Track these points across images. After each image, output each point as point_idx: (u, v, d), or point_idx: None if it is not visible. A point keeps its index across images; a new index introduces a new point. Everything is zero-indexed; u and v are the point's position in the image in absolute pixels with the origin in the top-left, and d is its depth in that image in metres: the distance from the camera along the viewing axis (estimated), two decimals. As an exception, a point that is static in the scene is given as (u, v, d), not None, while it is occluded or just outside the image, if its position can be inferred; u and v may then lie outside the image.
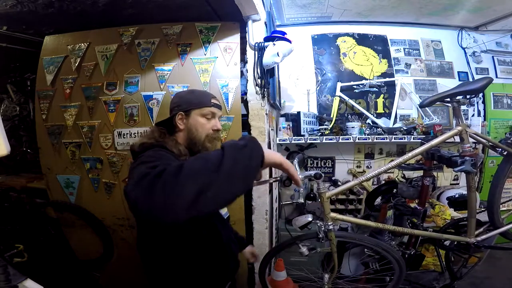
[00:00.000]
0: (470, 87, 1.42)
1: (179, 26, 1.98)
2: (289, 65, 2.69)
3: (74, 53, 2.07)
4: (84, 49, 2.06)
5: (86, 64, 2.05)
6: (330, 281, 1.58)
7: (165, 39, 2.00)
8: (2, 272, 0.64)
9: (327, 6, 2.44)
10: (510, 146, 1.47)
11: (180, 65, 2.00)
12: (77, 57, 2.06)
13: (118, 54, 2.02)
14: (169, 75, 1.98)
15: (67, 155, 2.08)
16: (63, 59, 2.08)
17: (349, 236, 1.65)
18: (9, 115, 2.90)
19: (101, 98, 2.02)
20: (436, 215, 1.96)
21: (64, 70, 2.08)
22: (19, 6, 1.95)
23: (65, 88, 2.07)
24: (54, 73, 2.08)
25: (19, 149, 2.90)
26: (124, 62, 2.02)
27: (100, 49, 2.04)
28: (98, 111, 2.04)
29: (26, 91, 2.91)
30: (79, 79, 2.06)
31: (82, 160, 2.07)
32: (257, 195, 1.98)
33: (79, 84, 2.05)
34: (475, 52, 2.81)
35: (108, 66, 2.03)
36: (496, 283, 2.19)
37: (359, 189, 2.51)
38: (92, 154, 2.06)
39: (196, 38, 1.99)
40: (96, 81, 2.04)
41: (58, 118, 2.08)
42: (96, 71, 2.04)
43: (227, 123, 1.98)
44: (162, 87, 1.98)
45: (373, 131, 2.55)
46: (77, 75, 2.06)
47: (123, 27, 2.02)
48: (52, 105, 2.09)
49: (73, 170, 2.09)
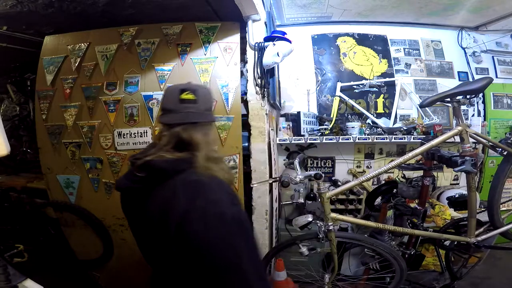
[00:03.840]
0: (470, 87, 1.42)
1: (179, 26, 1.98)
2: (289, 65, 2.69)
3: (74, 53, 2.06)
4: (84, 49, 2.06)
5: (86, 64, 2.05)
6: (330, 281, 1.59)
7: (165, 39, 2.00)
8: (2, 272, 0.64)
9: (327, 6, 2.44)
10: (510, 146, 1.47)
11: (180, 65, 2.00)
12: (77, 57, 2.05)
13: (118, 54, 2.02)
14: (169, 75, 1.99)
15: (67, 155, 2.08)
16: (63, 59, 2.08)
17: (349, 236, 1.65)
18: (9, 115, 2.90)
19: (101, 98, 2.02)
20: (436, 215, 1.96)
21: (64, 70, 2.08)
22: (19, 6, 1.95)
23: (65, 88, 2.06)
24: (54, 73, 2.08)
25: (19, 149, 2.90)
26: (124, 62, 2.02)
27: (100, 49, 2.04)
28: (98, 111, 2.03)
29: (26, 91, 2.91)
30: (79, 79, 2.06)
31: (82, 160, 2.07)
32: (257, 195, 1.97)
33: (79, 84, 2.05)
34: (475, 52, 2.81)
35: (108, 66, 2.03)
36: (496, 283, 2.19)
37: (359, 189, 2.51)
38: (92, 154, 2.06)
39: (196, 38, 1.99)
40: (96, 81, 2.03)
41: (58, 118, 2.08)
42: (96, 71, 2.04)
43: (227, 123, 1.98)
44: (162, 87, 1.98)
45: (373, 131, 2.55)
46: (77, 75, 2.06)
47: (123, 27, 2.02)
48: (52, 105, 2.09)
49: (73, 170, 2.08)
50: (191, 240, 0.69)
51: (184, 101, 0.82)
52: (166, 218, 0.71)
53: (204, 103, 0.86)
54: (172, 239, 0.71)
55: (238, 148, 1.99)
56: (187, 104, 0.82)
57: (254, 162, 1.95)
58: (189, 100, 0.82)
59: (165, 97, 0.88)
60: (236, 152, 1.99)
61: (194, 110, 0.83)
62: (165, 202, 0.73)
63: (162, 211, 0.73)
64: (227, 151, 2.01)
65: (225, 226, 0.70)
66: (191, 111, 0.82)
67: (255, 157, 1.94)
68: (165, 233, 0.72)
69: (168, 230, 0.71)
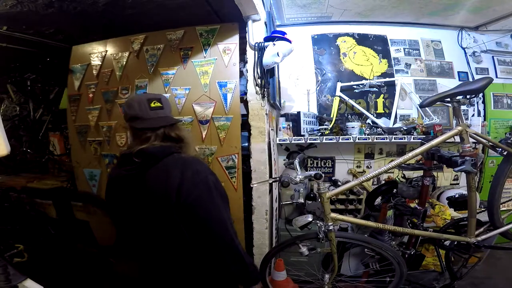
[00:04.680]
0: (470, 87, 1.42)
1: (181, 31, 2.08)
2: (289, 65, 2.69)
3: (94, 61, 2.32)
4: (102, 57, 2.30)
5: (104, 70, 2.30)
6: (330, 281, 1.58)
7: (169, 44, 2.12)
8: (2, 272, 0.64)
9: (327, 6, 2.44)
10: (510, 146, 1.47)
11: (183, 69, 2.08)
12: (97, 64, 2.31)
13: (130, 60, 2.23)
14: (172, 79, 2.11)
15: (91, 151, 2.37)
16: (86, 67, 2.36)
17: (349, 236, 1.65)
18: (9, 115, 2.91)
19: (117, 101, 2.23)
20: (436, 215, 1.96)
21: (87, 77, 2.36)
22: (19, 6, 1.95)
23: (88, 93, 2.35)
24: (80, 80, 2.37)
25: (19, 149, 2.90)
26: (134, 67, 2.21)
27: (115, 56, 2.26)
28: (114, 112, 2.27)
29: (26, 91, 2.91)
30: (99, 85, 2.32)
31: (102, 156, 2.33)
32: (257, 195, 1.98)
33: (99, 89, 2.32)
34: (475, 52, 2.81)
35: (122, 72, 2.24)
36: (496, 283, 2.19)
37: (359, 189, 2.51)
38: (110, 150, 2.30)
39: (197, 42, 2.05)
40: (113, 86, 2.27)
41: (84, 119, 2.37)
42: (112, 77, 2.28)
43: (226, 123, 1.99)
44: (167, 90, 2.11)
45: (373, 131, 2.54)
46: (97, 81, 2.33)
47: (133, 35, 2.21)
48: (79, 108, 2.40)
49: (95, 164, 2.37)
50: (187, 200, 0.91)
51: (154, 108, 1.01)
52: (166, 189, 0.91)
53: (168, 108, 1.07)
54: (174, 205, 0.91)
55: (237, 148, 2.00)
56: (157, 111, 1.02)
57: (254, 162, 1.95)
58: (158, 107, 1.02)
59: (132, 107, 1.02)
60: (235, 152, 2.00)
61: (163, 115, 1.03)
62: (162, 179, 0.93)
63: (161, 186, 0.93)
64: (226, 151, 2.02)
65: (208, 186, 0.95)
66: (161, 115, 1.02)
67: (255, 157, 1.95)
68: (167, 202, 0.91)
69: (169, 198, 0.91)
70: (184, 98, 2.07)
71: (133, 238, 1.09)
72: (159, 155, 0.96)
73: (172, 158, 0.97)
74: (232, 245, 0.97)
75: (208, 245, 0.96)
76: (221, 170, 2.04)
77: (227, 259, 0.97)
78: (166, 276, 1.03)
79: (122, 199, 1.04)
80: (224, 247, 0.96)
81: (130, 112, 1.02)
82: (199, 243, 0.96)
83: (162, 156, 0.96)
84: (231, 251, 0.98)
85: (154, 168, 0.95)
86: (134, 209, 1.01)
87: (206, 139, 2.05)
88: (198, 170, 0.96)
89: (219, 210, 0.96)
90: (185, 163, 0.96)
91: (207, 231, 0.94)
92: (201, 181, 0.94)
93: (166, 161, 0.96)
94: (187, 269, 1.01)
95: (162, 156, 0.96)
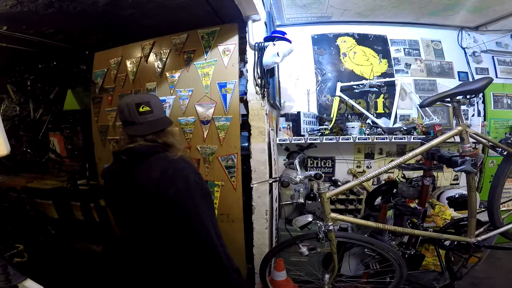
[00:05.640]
0: (470, 87, 1.42)
1: (184, 35, 2.17)
2: (289, 65, 2.69)
3: (112, 66, 2.50)
4: (118, 63, 2.47)
5: (120, 75, 2.47)
6: (330, 281, 1.58)
7: (174, 48, 2.20)
8: (2, 272, 0.64)
9: (327, 6, 2.44)
10: (510, 146, 1.47)
11: (186, 71, 2.15)
12: (115, 69, 2.49)
13: (141, 65, 2.36)
14: (177, 81, 2.20)
15: (110, 149, 2.50)
16: (105, 72, 2.54)
17: (349, 236, 1.65)
18: (9, 115, 2.91)
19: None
20: (436, 215, 1.95)
21: (107, 81, 2.56)
22: (19, 6, 1.95)
23: (108, 96, 2.55)
24: (101, 84, 2.57)
25: (19, 149, 2.90)
26: (145, 71, 2.35)
27: (129, 61, 2.42)
28: None
29: (26, 91, 2.91)
30: (116, 88, 2.50)
31: None
32: (257, 195, 1.98)
33: (117, 92, 2.49)
34: (475, 52, 2.81)
35: (134, 76, 2.39)
36: (496, 283, 2.19)
37: (359, 189, 2.51)
38: None
39: (199, 44, 2.11)
40: (127, 89, 2.43)
41: (104, 120, 2.58)
42: (127, 81, 2.44)
43: (225, 123, 2.00)
44: (172, 92, 2.20)
45: (373, 131, 2.54)
46: (115, 84, 2.50)
47: (143, 41, 2.35)
48: (100, 109, 2.60)
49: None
50: (165, 196, 0.93)
51: (143, 113, 1.02)
52: (147, 186, 0.95)
53: (158, 109, 1.07)
54: (153, 201, 0.94)
55: (237, 148, 2.01)
56: (146, 115, 1.03)
57: (254, 162, 1.95)
58: (147, 111, 1.03)
59: (123, 112, 1.04)
60: (234, 152, 2.01)
61: (152, 118, 1.04)
62: (145, 175, 0.97)
63: (143, 182, 0.97)
64: (226, 151, 2.02)
65: (187, 184, 0.97)
66: (151, 119, 1.03)
67: (255, 157, 1.95)
68: (148, 199, 0.95)
69: (150, 195, 0.94)
70: (187, 99, 2.14)
71: (126, 232, 1.12)
72: (144, 153, 1.00)
73: (158, 157, 1.00)
74: (209, 245, 0.96)
75: (185, 242, 0.96)
76: (221, 170, 2.05)
77: (203, 258, 0.96)
78: (150, 270, 1.05)
79: (114, 194, 1.09)
80: (200, 246, 0.95)
81: (121, 117, 1.05)
82: (177, 240, 0.97)
83: (147, 154, 1.00)
84: (208, 250, 0.96)
85: (141, 165, 0.99)
86: (124, 204, 1.05)
87: (207, 139, 2.10)
88: (180, 168, 0.98)
89: (196, 207, 0.96)
90: (169, 162, 0.99)
91: (183, 228, 0.95)
92: (181, 178, 0.96)
93: (151, 159, 1.00)
94: (168, 266, 1.02)
95: (147, 154, 1.00)
